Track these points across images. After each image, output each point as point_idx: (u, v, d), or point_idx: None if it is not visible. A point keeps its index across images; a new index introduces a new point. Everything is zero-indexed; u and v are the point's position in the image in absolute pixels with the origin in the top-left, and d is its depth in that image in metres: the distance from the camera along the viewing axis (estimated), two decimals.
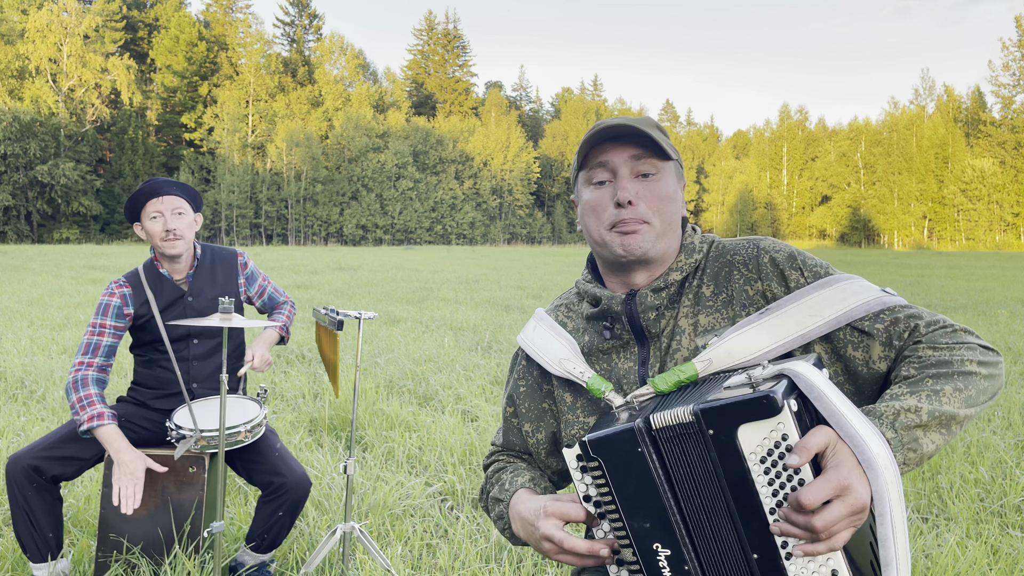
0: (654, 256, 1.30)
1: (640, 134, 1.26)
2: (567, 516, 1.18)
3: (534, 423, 1.46)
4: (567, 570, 2.79)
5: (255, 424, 2.52)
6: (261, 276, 2.89)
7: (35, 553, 2.45)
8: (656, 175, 1.29)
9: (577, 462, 1.16)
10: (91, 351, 2.54)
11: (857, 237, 79.97)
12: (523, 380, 1.48)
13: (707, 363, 1.20)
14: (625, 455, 1.08)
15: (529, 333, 1.46)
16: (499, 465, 1.49)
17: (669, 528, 1.08)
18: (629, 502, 1.09)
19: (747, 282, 1.29)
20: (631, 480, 1.08)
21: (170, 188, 2.59)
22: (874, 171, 78.37)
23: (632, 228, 1.28)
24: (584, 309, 1.41)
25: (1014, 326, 9.89)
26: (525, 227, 79.19)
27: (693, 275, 1.34)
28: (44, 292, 13.42)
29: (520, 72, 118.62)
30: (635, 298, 1.32)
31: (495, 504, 1.40)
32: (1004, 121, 72.14)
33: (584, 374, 1.31)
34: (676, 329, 1.31)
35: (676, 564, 1.08)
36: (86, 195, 57.93)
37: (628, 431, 1.07)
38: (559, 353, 1.36)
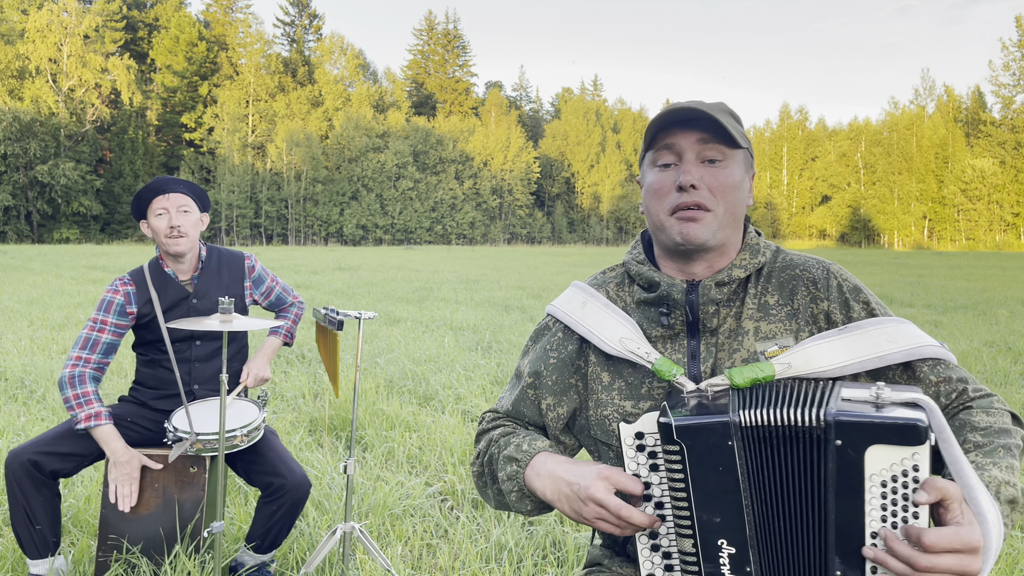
0: (713, 245, 1.29)
1: (709, 119, 1.24)
2: (621, 485, 1.14)
3: (557, 397, 1.40)
4: (567, 570, 2.79)
5: (252, 428, 2.51)
6: (269, 277, 2.88)
7: (32, 550, 2.46)
8: (723, 162, 1.27)
9: (635, 439, 1.13)
10: (89, 347, 2.53)
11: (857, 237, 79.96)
12: (555, 352, 1.42)
13: (785, 367, 1.19)
14: (712, 446, 1.05)
15: (575, 308, 1.40)
16: (507, 430, 1.42)
17: (740, 527, 1.05)
18: (704, 493, 1.06)
19: (813, 300, 1.30)
20: (712, 472, 1.05)
21: (177, 186, 2.59)
22: (874, 171, 78.37)
23: (692, 215, 1.26)
24: (635, 292, 1.38)
25: (1014, 326, 9.89)
26: (525, 227, 79.18)
27: (756, 277, 1.34)
28: (44, 292, 13.42)
29: (520, 72, 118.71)
30: (697, 289, 1.30)
31: (507, 464, 1.31)
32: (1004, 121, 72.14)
33: (650, 355, 1.27)
34: (737, 329, 1.30)
35: (738, 564, 1.06)
36: (86, 195, 57.92)
37: (723, 423, 1.04)
38: (619, 332, 1.32)
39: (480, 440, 1.46)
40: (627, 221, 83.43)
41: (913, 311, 12.10)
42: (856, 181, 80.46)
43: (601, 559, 1.45)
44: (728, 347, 1.29)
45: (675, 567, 1.13)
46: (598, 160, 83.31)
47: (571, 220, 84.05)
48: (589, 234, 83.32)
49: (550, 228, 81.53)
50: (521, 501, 1.30)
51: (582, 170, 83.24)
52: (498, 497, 1.38)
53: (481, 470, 1.41)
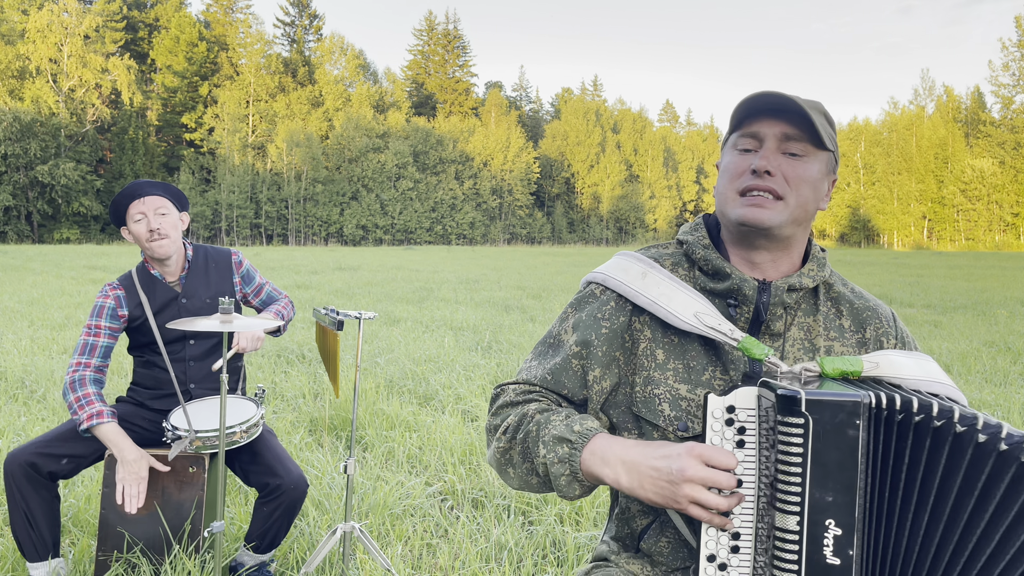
0: (777, 234, 1.26)
1: (799, 112, 1.21)
2: (717, 461, 1.09)
3: (603, 369, 1.33)
4: (567, 570, 2.79)
5: (251, 424, 2.52)
6: (258, 275, 2.88)
7: (32, 552, 2.45)
8: (804, 157, 1.25)
9: (726, 413, 1.12)
10: (88, 352, 2.55)
11: (857, 237, 79.96)
12: (607, 321, 1.34)
13: (873, 365, 1.20)
14: (839, 423, 1.05)
15: (633, 278, 1.33)
16: (543, 405, 1.31)
17: (851, 509, 1.05)
18: (822, 470, 1.05)
19: (884, 335, 1.36)
20: (834, 450, 1.05)
21: (151, 189, 2.57)
22: (874, 171, 78.38)
23: (759, 203, 1.24)
24: (697, 278, 1.34)
25: (1014, 326, 9.89)
26: (525, 227, 79.17)
27: (823, 296, 1.36)
28: (44, 292, 13.42)
29: (520, 72, 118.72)
30: (769, 289, 1.29)
31: (557, 444, 1.21)
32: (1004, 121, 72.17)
33: (734, 332, 1.23)
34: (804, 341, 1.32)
35: (842, 546, 1.06)
36: (86, 195, 57.93)
37: (853, 402, 1.05)
38: (693, 307, 1.26)
39: (504, 413, 1.34)
40: (627, 221, 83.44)
41: (913, 311, 12.10)
42: (856, 181, 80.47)
43: (608, 555, 1.43)
44: (793, 356, 1.30)
45: (741, 548, 1.12)
46: (598, 160, 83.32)
47: (571, 220, 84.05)
48: (589, 234, 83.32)
49: (550, 228, 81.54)
50: (570, 485, 1.21)
51: (582, 170, 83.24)
52: (526, 477, 1.28)
53: (509, 446, 1.30)
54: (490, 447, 1.36)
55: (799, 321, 1.33)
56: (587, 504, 3.26)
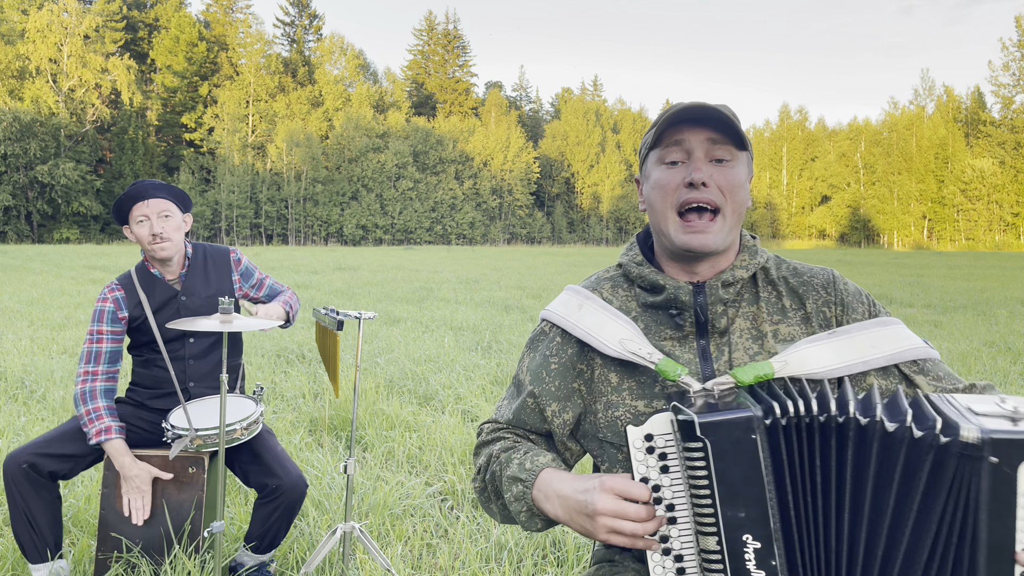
0: (723, 250, 1.30)
1: (721, 118, 1.24)
2: (628, 493, 1.12)
3: (561, 403, 1.38)
4: (567, 570, 2.79)
5: (251, 421, 2.52)
6: (257, 271, 2.87)
7: (33, 553, 2.45)
8: (731, 162, 1.27)
9: (644, 442, 1.13)
10: (93, 359, 2.56)
11: (857, 237, 79.97)
12: (555, 357, 1.39)
13: (783, 365, 1.21)
14: (736, 440, 1.06)
15: (571, 311, 1.38)
16: (507, 443, 1.39)
17: (764, 521, 1.06)
18: (729, 489, 1.06)
19: (824, 304, 1.33)
20: (737, 467, 1.06)
21: (156, 191, 2.57)
22: (874, 171, 78.38)
23: (703, 228, 1.26)
24: (639, 295, 1.37)
25: (1014, 326, 9.89)
26: (525, 227, 79.17)
27: (759, 280, 1.36)
28: (44, 292, 13.42)
29: (520, 72, 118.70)
30: (704, 289, 1.30)
31: (512, 484, 1.28)
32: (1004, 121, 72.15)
33: (652, 355, 1.26)
34: (751, 330, 1.32)
35: (763, 558, 1.07)
36: (86, 195, 57.92)
37: (746, 418, 1.06)
38: (619, 333, 1.30)
39: (480, 454, 1.43)
40: (627, 221, 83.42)
41: (913, 311, 12.10)
42: (856, 181, 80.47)
43: (611, 556, 1.45)
44: (744, 347, 1.30)
45: (687, 570, 1.13)
46: (598, 160, 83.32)
47: (571, 220, 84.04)
48: (589, 234, 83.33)
49: (550, 228, 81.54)
50: (531, 520, 1.28)
51: (582, 170, 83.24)
52: (503, 512, 1.36)
53: (484, 486, 1.38)
54: (473, 486, 1.44)
55: (744, 312, 1.33)
56: None
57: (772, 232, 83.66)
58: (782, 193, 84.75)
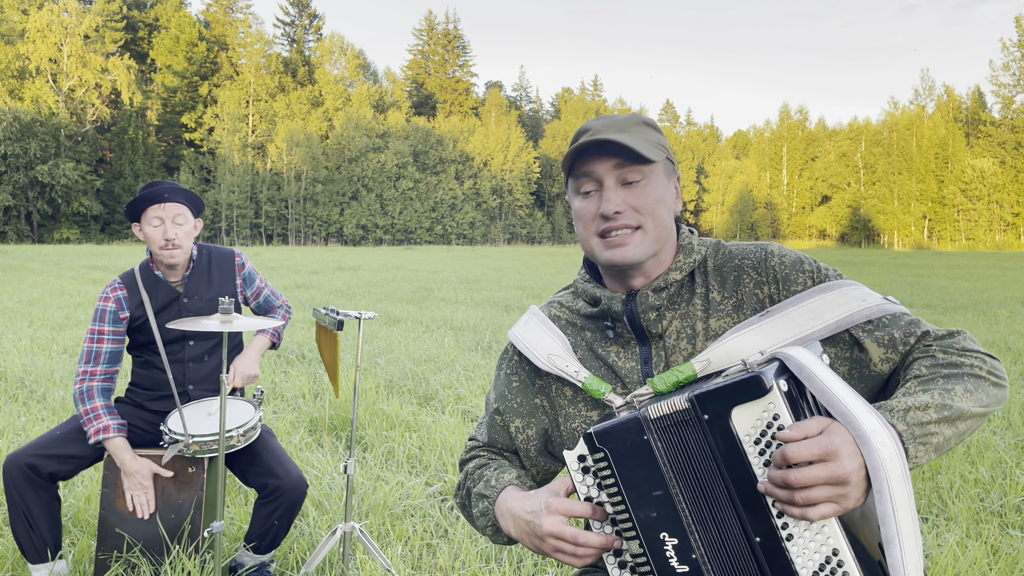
0: (646, 260, 1.30)
1: (620, 148, 1.24)
2: (571, 513, 1.15)
3: (525, 419, 1.43)
4: (568, 570, 2.79)
5: (249, 428, 2.51)
6: (259, 278, 2.88)
7: (33, 554, 2.46)
8: (642, 181, 1.28)
9: (579, 463, 1.16)
10: (92, 359, 2.56)
11: (857, 237, 79.97)
12: (515, 375, 1.45)
13: (706, 363, 1.21)
14: (631, 444, 1.08)
15: (521, 328, 1.44)
16: (481, 461, 1.46)
17: (676, 517, 1.08)
18: (636, 492, 1.09)
19: (757, 286, 1.29)
20: (637, 470, 1.09)
21: (173, 195, 2.56)
22: (874, 171, 78.37)
23: (621, 241, 1.27)
24: (582, 308, 1.40)
25: (1014, 326, 9.89)
26: (525, 227, 79.18)
27: (696, 276, 1.34)
28: (44, 292, 13.42)
29: (520, 72, 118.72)
30: (635, 298, 1.31)
31: (479, 500, 1.35)
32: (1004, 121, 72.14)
33: (579, 373, 1.30)
34: (683, 330, 1.31)
35: (683, 553, 1.08)
36: (86, 195, 57.92)
37: (633, 420, 1.08)
38: (548, 349, 1.36)
39: (461, 470, 1.50)
40: None
41: (913, 311, 12.11)
42: (856, 181, 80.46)
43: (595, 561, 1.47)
44: (679, 349, 1.30)
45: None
46: None
47: (571, 220, 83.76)
48: None
49: (550, 228, 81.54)
50: (497, 535, 1.33)
51: None
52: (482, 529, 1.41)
53: (463, 502, 1.46)
54: (456, 504, 1.51)
55: (680, 312, 1.32)
56: None
57: (772, 232, 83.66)
58: (782, 193, 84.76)
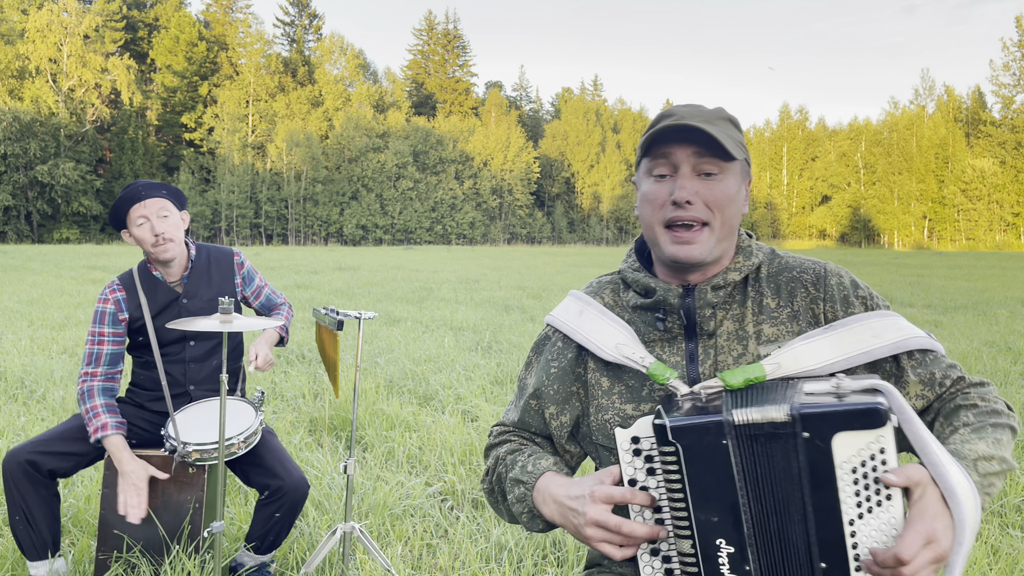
0: (711, 261, 1.29)
1: (704, 134, 1.23)
2: (616, 500, 1.14)
3: (560, 406, 1.42)
4: (567, 570, 2.79)
5: (250, 434, 2.51)
6: (258, 277, 2.87)
7: (31, 551, 2.46)
8: (719, 175, 1.26)
9: (631, 444, 1.14)
10: (94, 361, 2.56)
11: (857, 237, 79.96)
12: (556, 361, 1.43)
13: (775, 367, 1.21)
14: (707, 445, 1.06)
15: (572, 316, 1.41)
16: (513, 446, 1.44)
17: (738, 525, 1.06)
18: (701, 493, 1.07)
19: (813, 301, 1.31)
20: (708, 472, 1.06)
21: (150, 191, 2.54)
22: (874, 171, 78.37)
23: (689, 239, 1.26)
24: (632, 299, 1.38)
25: (1014, 326, 9.89)
26: (525, 227, 79.16)
27: (752, 280, 1.35)
28: (44, 292, 13.42)
29: (520, 72, 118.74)
30: (694, 293, 1.30)
31: (515, 486, 1.33)
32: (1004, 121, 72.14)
33: (644, 360, 1.28)
34: (739, 332, 1.31)
35: (737, 563, 1.07)
36: (86, 195, 57.92)
37: (717, 423, 1.06)
38: (615, 338, 1.33)
39: (488, 455, 1.48)
40: (627, 221, 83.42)
41: (913, 311, 12.10)
42: (856, 181, 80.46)
43: (601, 559, 1.46)
44: (729, 349, 1.30)
45: (675, 571, 1.13)
46: (598, 160, 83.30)
47: (571, 220, 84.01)
48: (589, 234, 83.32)
49: (550, 228, 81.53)
50: (533, 521, 1.32)
51: (582, 170, 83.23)
52: (510, 513, 1.40)
53: (492, 487, 1.44)
54: (482, 488, 1.49)
55: (732, 314, 1.33)
56: None
57: (772, 232, 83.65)
58: (782, 193, 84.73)
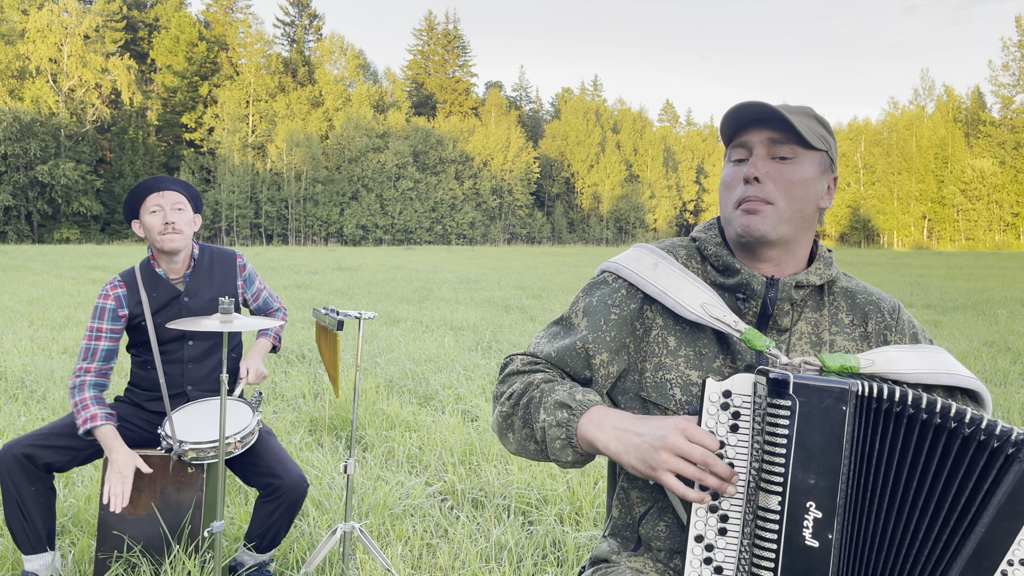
0: (774, 239, 1.30)
1: (779, 118, 1.25)
2: (698, 439, 1.11)
3: (612, 354, 1.36)
4: (567, 570, 2.79)
5: (247, 433, 2.51)
6: (258, 280, 2.89)
7: (25, 544, 2.46)
8: (794, 159, 1.29)
9: (722, 397, 1.14)
10: (89, 356, 2.57)
11: (857, 237, 79.96)
12: (617, 308, 1.38)
13: (869, 363, 1.23)
14: (825, 407, 1.07)
15: (645, 268, 1.37)
16: (549, 376, 1.36)
17: (832, 493, 1.07)
18: (806, 453, 1.07)
19: (885, 328, 1.38)
20: (819, 433, 1.07)
21: (171, 184, 2.60)
22: (874, 171, 78.36)
23: (753, 208, 1.28)
24: (709, 272, 1.38)
25: (1014, 326, 9.89)
26: (525, 227, 79.15)
27: (827, 291, 1.39)
28: (44, 292, 13.42)
29: (520, 72, 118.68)
30: (777, 285, 1.33)
31: (557, 409, 1.26)
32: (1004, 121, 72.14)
33: (738, 324, 1.27)
34: (811, 335, 1.35)
35: (821, 529, 1.07)
36: (86, 195, 57.92)
37: (841, 388, 1.08)
38: (700, 298, 1.30)
39: (511, 380, 1.38)
40: (627, 221, 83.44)
41: (913, 311, 12.10)
42: (856, 181, 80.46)
43: (609, 555, 1.43)
44: (799, 348, 1.34)
45: (729, 531, 1.13)
46: (598, 160, 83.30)
47: (571, 220, 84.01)
48: (589, 234, 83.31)
49: (550, 228, 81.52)
50: (564, 450, 1.26)
51: (582, 170, 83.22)
52: (525, 443, 1.33)
53: (512, 411, 1.34)
54: (494, 412, 1.40)
55: (806, 316, 1.36)
56: (587, 504, 3.26)
57: None
58: None
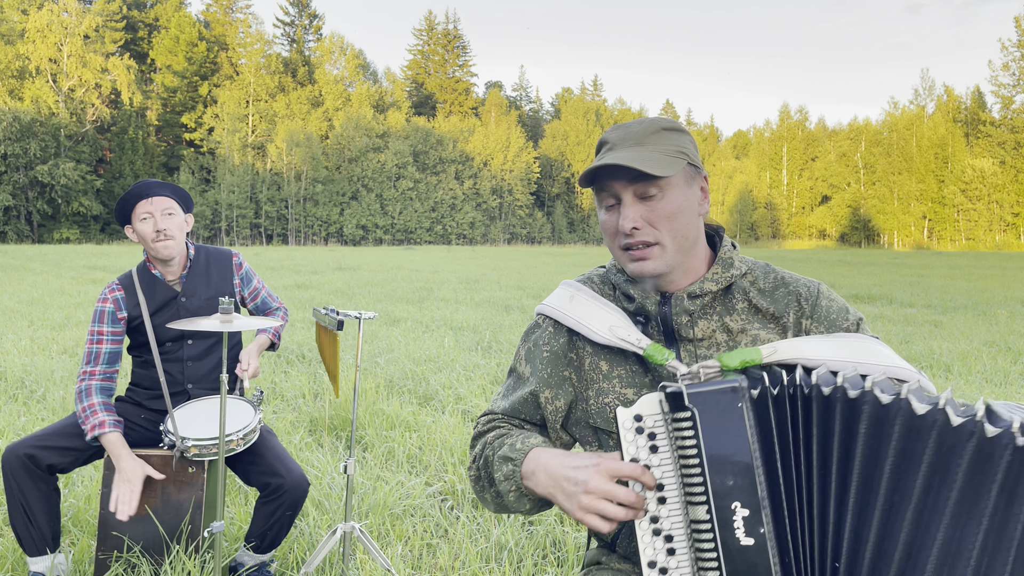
0: (667, 271, 1.34)
1: (631, 171, 1.27)
2: (621, 473, 1.13)
3: (554, 390, 1.43)
4: (567, 570, 2.79)
5: (248, 431, 2.51)
6: (256, 278, 2.89)
7: (31, 546, 2.46)
8: (658, 195, 1.30)
9: (633, 422, 1.15)
10: (93, 359, 2.58)
11: (857, 237, 79.96)
12: (547, 346, 1.45)
13: (772, 351, 1.21)
14: (723, 409, 1.09)
15: (563, 303, 1.44)
16: (502, 432, 1.42)
17: (752, 489, 1.08)
18: (717, 458, 1.09)
19: (802, 316, 1.36)
20: (724, 435, 1.09)
21: (159, 189, 2.59)
22: (874, 171, 78.38)
23: (642, 255, 1.31)
24: (619, 299, 1.43)
25: (1014, 326, 9.89)
26: (525, 227, 79.18)
27: (736, 288, 1.38)
28: (44, 292, 13.42)
29: (520, 72, 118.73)
30: (670, 301, 1.35)
31: (503, 464, 1.30)
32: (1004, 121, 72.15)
33: (641, 341, 1.31)
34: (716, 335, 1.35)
35: (752, 525, 1.09)
36: (86, 195, 57.93)
37: (733, 387, 1.09)
38: (609, 321, 1.36)
39: (476, 444, 1.46)
40: None
41: (913, 311, 12.10)
42: (856, 181, 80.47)
43: (599, 557, 1.47)
44: (715, 350, 1.34)
45: (677, 550, 1.14)
46: None
47: (571, 220, 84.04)
48: (589, 234, 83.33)
49: (550, 228, 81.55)
50: (519, 500, 1.29)
51: (582, 170, 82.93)
52: (496, 500, 1.37)
53: (478, 474, 1.41)
54: (469, 479, 1.46)
55: (714, 321, 1.36)
56: None
57: (772, 232, 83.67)
58: (782, 193, 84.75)
